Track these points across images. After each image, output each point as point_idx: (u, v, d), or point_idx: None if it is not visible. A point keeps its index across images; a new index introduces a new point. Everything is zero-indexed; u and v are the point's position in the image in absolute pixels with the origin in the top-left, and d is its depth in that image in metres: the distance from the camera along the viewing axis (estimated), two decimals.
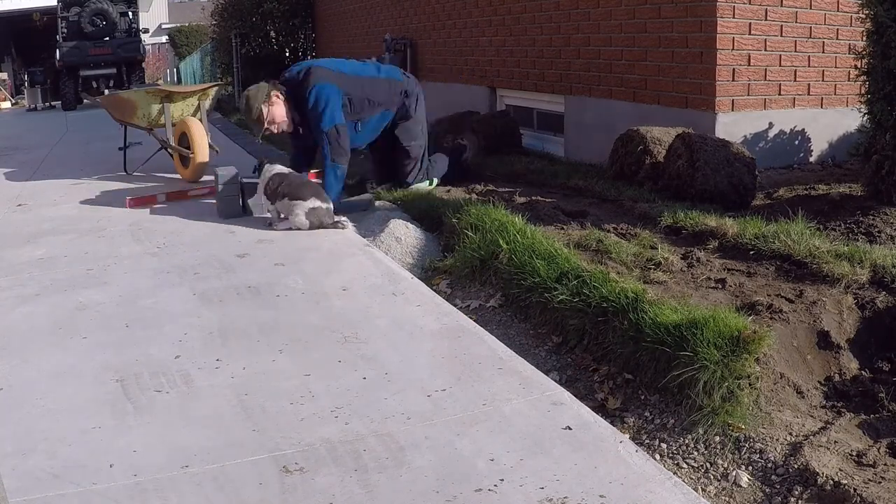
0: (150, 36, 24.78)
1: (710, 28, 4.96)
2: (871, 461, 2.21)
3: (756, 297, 2.97)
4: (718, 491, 2.22)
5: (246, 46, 13.45)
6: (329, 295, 3.47)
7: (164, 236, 4.53)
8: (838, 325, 2.84)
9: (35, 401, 2.57)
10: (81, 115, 13.50)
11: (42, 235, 4.68)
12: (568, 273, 3.23)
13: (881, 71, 3.95)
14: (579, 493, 2.01)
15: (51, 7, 15.92)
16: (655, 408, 2.58)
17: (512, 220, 3.86)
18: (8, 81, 19.29)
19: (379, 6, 10.36)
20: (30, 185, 6.46)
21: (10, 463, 2.20)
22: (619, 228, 3.95)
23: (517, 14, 7.07)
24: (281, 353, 2.90)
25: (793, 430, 2.37)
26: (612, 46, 5.86)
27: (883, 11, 3.88)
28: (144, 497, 2.04)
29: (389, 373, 2.71)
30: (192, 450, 2.25)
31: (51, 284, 3.74)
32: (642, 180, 4.83)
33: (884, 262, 3.09)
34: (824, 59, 5.29)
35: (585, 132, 6.23)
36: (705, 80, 5.02)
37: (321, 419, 2.41)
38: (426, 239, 4.32)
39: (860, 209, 3.96)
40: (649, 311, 2.76)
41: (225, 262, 3.97)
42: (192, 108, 6.35)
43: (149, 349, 2.95)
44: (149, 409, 2.51)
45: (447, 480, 2.08)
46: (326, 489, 2.05)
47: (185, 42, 26.46)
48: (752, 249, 3.45)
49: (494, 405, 2.47)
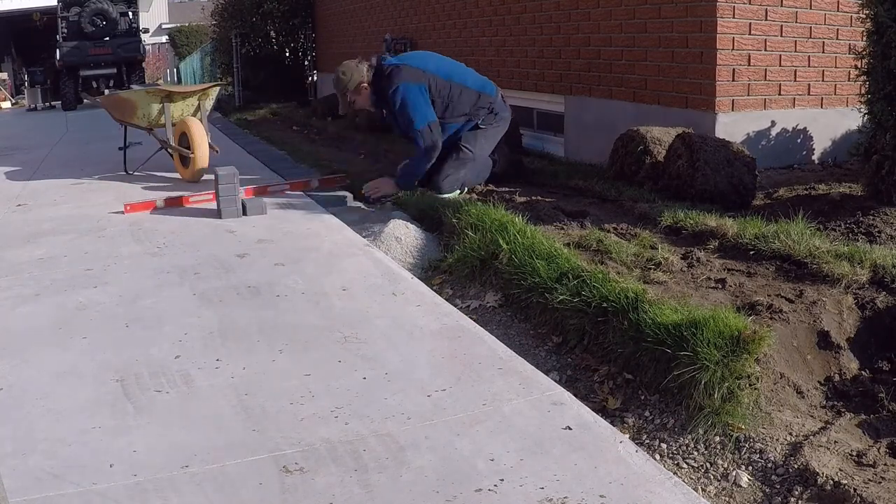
0: (150, 36, 24.78)
1: (710, 28, 4.96)
2: (871, 461, 2.21)
3: (756, 297, 2.97)
4: (718, 491, 2.22)
5: (246, 46, 13.45)
6: (329, 295, 3.47)
7: (164, 236, 4.53)
8: (838, 325, 2.84)
9: (35, 401, 2.57)
10: (81, 115, 13.50)
11: (42, 235, 4.68)
12: (568, 273, 3.23)
13: (881, 71, 3.95)
14: (579, 493, 2.01)
15: (51, 7, 15.93)
16: (655, 408, 2.58)
17: (512, 220, 3.86)
18: (8, 81, 19.29)
19: (379, 6, 10.35)
20: (30, 185, 6.46)
21: (10, 463, 2.20)
22: (619, 228, 3.95)
23: (517, 14, 7.07)
24: (281, 353, 2.90)
25: (793, 430, 2.37)
26: (612, 46, 5.86)
27: (883, 11, 3.88)
28: (144, 497, 2.04)
29: (389, 373, 2.71)
30: (192, 450, 2.25)
31: (51, 284, 3.74)
32: (642, 180, 4.83)
33: (884, 262, 3.09)
34: (824, 59, 5.29)
35: (585, 132, 6.24)
36: (705, 80, 5.02)
37: (321, 419, 2.41)
38: (426, 239, 4.32)
39: (860, 209, 3.96)
40: (649, 311, 2.76)
41: (225, 262, 3.97)
42: (193, 108, 6.35)
43: (149, 349, 2.95)
44: (149, 409, 2.51)
45: (447, 480, 2.08)
46: (326, 489, 2.05)
47: (185, 42, 26.48)
48: (752, 249, 3.45)
49: (494, 405, 2.47)
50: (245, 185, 5.62)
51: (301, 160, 7.10)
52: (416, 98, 4.97)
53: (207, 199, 5.22)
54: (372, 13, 10.62)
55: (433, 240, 4.33)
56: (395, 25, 9.75)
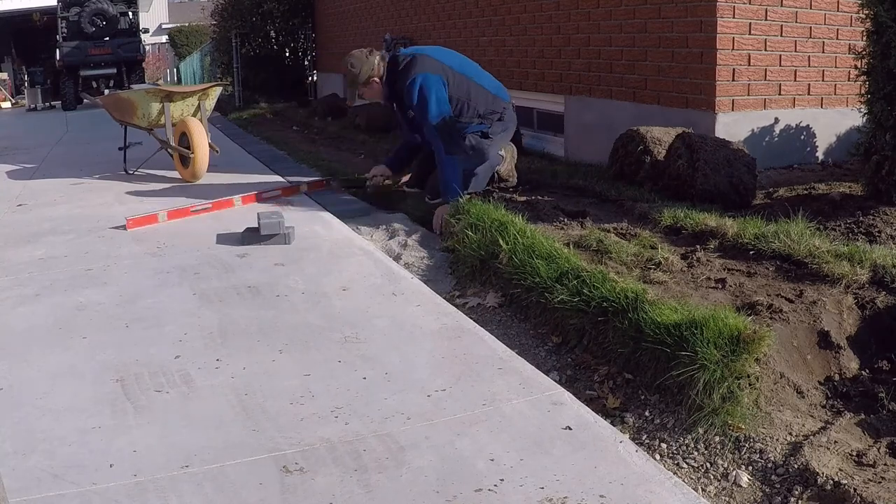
0: (150, 36, 24.77)
1: (710, 28, 4.96)
2: (871, 461, 2.21)
3: (756, 297, 2.97)
4: (718, 491, 2.22)
5: (246, 46, 13.45)
6: (329, 295, 3.47)
7: (164, 236, 4.53)
8: (838, 325, 2.84)
9: (35, 401, 2.57)
10: (81, 115, 13.50)
11: (42, 235, 4.68)
12: (568, 273, 3.23)
13: (881, 71, 3.95)
14: (579, 493, 2.01)
15: (51, 7, 15.92)
16: (655, 408, 2.58)
17: (512, 219, 3.86)
18: (8, 81, 19.28)
19: (379, 6, 10.35)
20: (30, 185, 6.46)
21: (10, 463, 2.20)
22: (619, 228, 3.95)
23: (517, 14, 7.07)
24: (281, 353, 2.90)
25: (793, 430, 2.37)
26: (612, 46, 5.86)
27: (883, 11, 3.88)
28: (144, 497, 2.04)
29: (389, 373, 2.71)
30: (192, 450, 2.25)
31: (51, 284, 3.74)
32: (642, 180, 4.83)
33: (884, 262, 3.09)
34: (824, 59, 5.29)
35: (585, 132, 6.24)
36: (705, 80, 5.02)
37: (321, 419, 2.41)
38: (426, 239, 4.32)
39: (860, 209, 3.96)
40: (649, 310, 2.76)
41: (225, 262, 3.97)
42: (193, 108, 6.35)
43: (149, 349, 2.95)
44: (149, 409, 2.51)
45: (447, 480, 2.08)
46: (326, 489, 2.05)
47: (185, 42, 26.48)
48: (752, 249, 3.45)
49: (494, 405, 2.47)
50: (246, 185, 5.64)
51: (301, 160, 7.10)
52: (433, 88, 4.56)
53: (207, 209, 5.08)
54: (372, 13, 10.62)
55: (433, 240, 4.33)
56: (395, 25, 9.74)
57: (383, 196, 5.24)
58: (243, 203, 5.24)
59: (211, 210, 5.06)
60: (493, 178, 5.00)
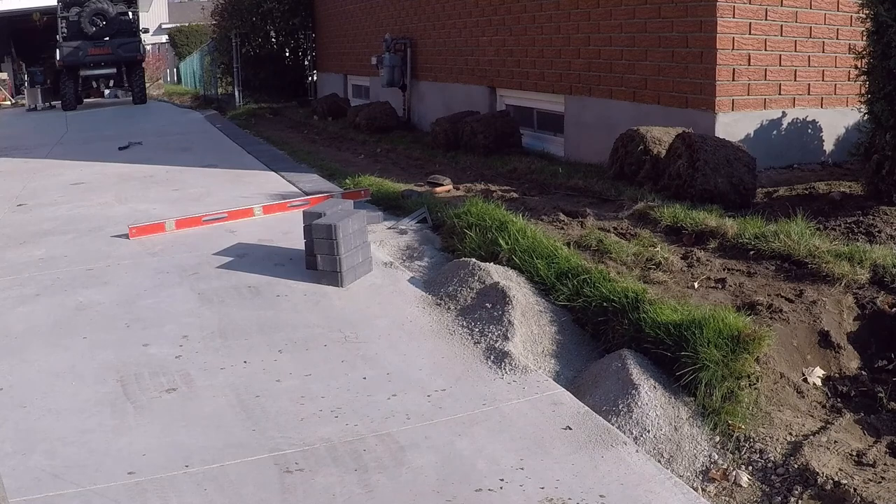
0: (150, 36, 24.76)
1: (710, 28, 4.95)
2: (871, 461, 2.21)
3: (756, 296, 2.97)
4: (718, 491, 2.22)
5: (246, 46, 13.45)
6: (329, 295, 3.47)
7: (164, 236, 4.52)
8: (838, 325, 2.84)
9: (35, 401, 2.57)
10: (81, 115, 13.50)
11: (42, 235, 4.68)
12: (568, 272, 3.23)
13: (881, 71, 3.95)
14: (579, 493, 2.01)
15: (51, 7, 15.91)
16: None
17: (512, 219, 3.86)
18: (8, 81, 19.28)
19: (379, 6, 10.35)
20: (30, 185, 6.46)
21: (10, 463, 2.20)
22: (619, 228, 3.95)
23: (517, 14, 7.07)
24: (281, 353, 2.90)
25: (793, 430, 2.37)
26: (612, 46, 5.86)
27: (883, 11, 3.88)
28: (144, 497, 2.04)
29: (389, 373, 2.71)
30: (192, 450, 2.25)
31: (51, 284, 3.74)
32: (642, 180, 4.83)
33: (884, 262, 3.09)
34: (824, 59, 5.29)
35: (585, 132, 6.23)
36: (705, 80, 5.02)
37: (321, 419, 2.41)
38: (427, 239, 4.31)
39: (860, 209, 3.96)
40: (650, 310, 2.76)
41: (225, 262, 3.97)
42: None
43: (149, 349, 2.95)
44: (149, 409, 2.51)
45: (447, 480, 2.08)
46: (326, 489, 2.05)
47: (185, 42, 26.46)
48: (752, 249, 3.45)
49: (494, 405, 2.47)
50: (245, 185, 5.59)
51: (301, 160, 7.10)
52: None
53: (222, 218, 4.74)
54: (372, 13, 10.61)
55: (433, 239, 4.33)
56: (395, 25, 9.74)
57: (383, 196, 5.24)
58: (265, 213, 4.78)
59: (226, 220, 4.73)
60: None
